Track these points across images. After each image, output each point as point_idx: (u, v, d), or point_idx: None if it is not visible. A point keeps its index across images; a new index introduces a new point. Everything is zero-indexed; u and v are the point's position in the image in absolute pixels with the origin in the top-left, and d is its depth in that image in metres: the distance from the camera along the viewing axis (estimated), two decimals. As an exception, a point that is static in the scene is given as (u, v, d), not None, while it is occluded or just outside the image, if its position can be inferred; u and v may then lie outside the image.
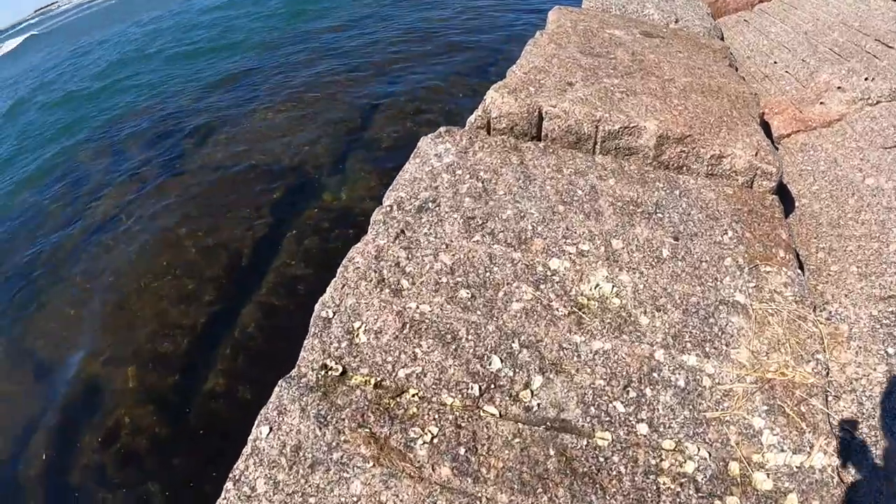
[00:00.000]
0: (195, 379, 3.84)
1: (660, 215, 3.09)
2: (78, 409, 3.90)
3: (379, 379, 2.24)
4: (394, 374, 2.25)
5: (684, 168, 3.52)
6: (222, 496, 2.01)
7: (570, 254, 2.78)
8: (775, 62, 5.24)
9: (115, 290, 4.66)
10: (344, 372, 2.27)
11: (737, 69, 4.97)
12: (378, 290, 2.58)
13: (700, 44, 4.95)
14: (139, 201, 5.79)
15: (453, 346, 2.33)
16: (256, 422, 2.23)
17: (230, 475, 2.10)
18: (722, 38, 6.04)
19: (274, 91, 7.54)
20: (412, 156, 3.54)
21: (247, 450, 2.16)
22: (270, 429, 2.17)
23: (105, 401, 3.87)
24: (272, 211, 5.17)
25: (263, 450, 2.12)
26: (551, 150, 3.56)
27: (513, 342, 2.35)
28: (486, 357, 2.30)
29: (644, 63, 4.27)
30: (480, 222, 2.96)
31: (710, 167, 3.46)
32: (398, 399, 2.18)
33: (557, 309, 2.49)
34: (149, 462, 3.51)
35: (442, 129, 3.73)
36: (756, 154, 3.36)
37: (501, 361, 2.28)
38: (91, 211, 5.92)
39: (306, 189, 5.39)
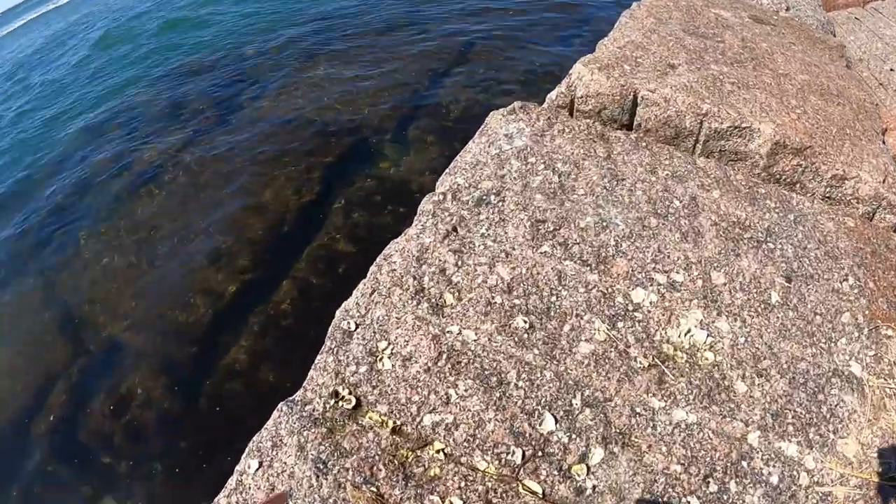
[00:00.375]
0: (216, 353, 3.54)
1: (771, 245, 2.49)
2: (95, 370, 3.69)
3: (399, 422, 1.79)
4: (418, 419, 1.79)
5: (797, 185, 2.92)
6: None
7: (658, 284, 2.23)
8: (892, 69, 4.45)
9: (150, 243, 4.41)
10: (358, 405, 1.83)
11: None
12: (415, 302, 2.11)
13: (814, 38, 4.20)
14: (187, 150, 5.52)
15: (497, 393, 1.85)
16: (248, 449, 1.85)
17: (209, 509, 1.73)
18: (834, 35, 5.19)
19: (344, 45, 7.06)
20: (478, 133, 3.03)
21: (231, 482, 1.78)
22: (260, 464, 1.77)
23: (122, 365, 3.63)
24: (323, 174, 4.76)
25: (249, 488, 1.73)
26: (644, 145, 2.98)
27: (574, 397, 1.85)
28: (536, 413, 1.80)
29: (756, 52, 3.59)
30: (552, 228, 2.43)
31: (828, 188, 2.85)
32: (419, 453, 1.72)
33: (636, 358, 1.96)
34: (156, 439, 3.25)
35: (516, 104, 3.18)
36: (884, 181, 2.75)
37: (556, 422, 1.78)
38: (140, 155, 5.69)
39: (363, 154, 4.95)
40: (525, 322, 2.03)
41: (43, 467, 3.29)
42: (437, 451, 1.72)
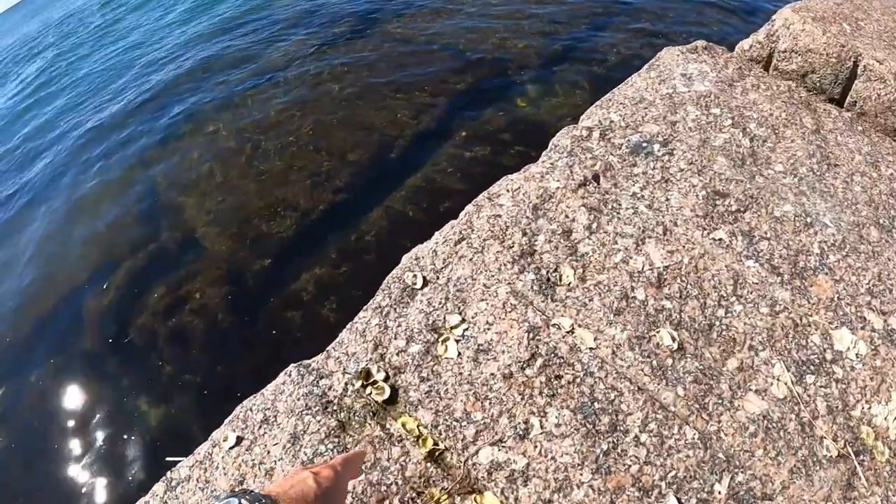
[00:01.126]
0: (285, 274, 3.11)
1: None
2: (162, 260, 3.41)
3: (443, 444, 1.16)
4: (472, 450, 1.15)
5: None
6: (149, 495, 1.25)
7: (872, 329, 1.41)
8: None
9: (254, 144, 4.04)
10: (392, 400, 1.23)
11: None
12: (516, 269, 1.44)
13: None
14: (312, 59, 5.06)
15: (605, 444, 1.16)
16: (233, 414, 1.33)
17: (166, 475, 1.25)
18: None
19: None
20: (646, 67, 2.34)
21: (200, 451, 1.28)
22: (238, 441, 1.23)
23: (189, 262, 3.31)
24: (449, 102, 4.11)
25: (216, 467, 1.21)
26: (861, 129, 2.18)
27: (719, 480, 1.12)
28: (656, 492, 1.10)
29: None
30: (734, 208, 1.66)
31: None
32: (457, 501, 1.09)
33: (822, 440, 1.19)
34: (200, 351, 2.91)
35: (699, 42, 2.47)
36: None
37: (689, 515, 1.07)
38: (265, 57, 5.36)
39: (499, 87, 4.22)
40: (673, 339, 1.31)
41: (89, 349, 3.09)
42: (489, 509, 1.07)
